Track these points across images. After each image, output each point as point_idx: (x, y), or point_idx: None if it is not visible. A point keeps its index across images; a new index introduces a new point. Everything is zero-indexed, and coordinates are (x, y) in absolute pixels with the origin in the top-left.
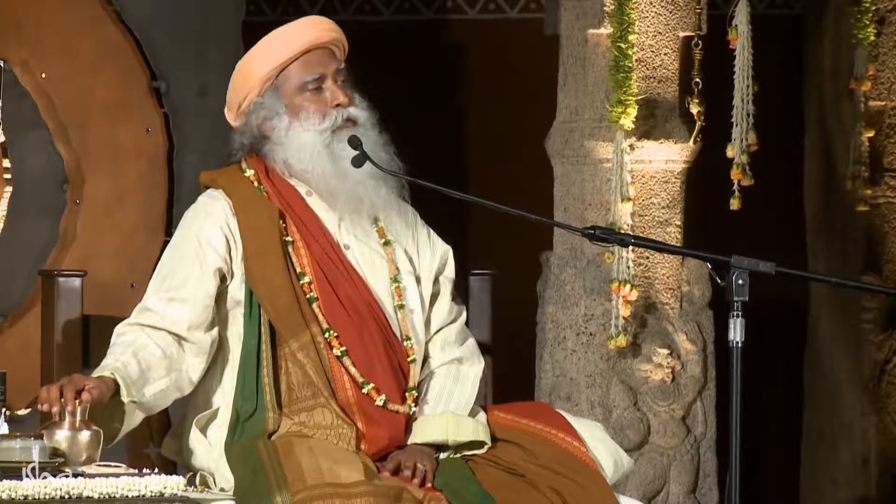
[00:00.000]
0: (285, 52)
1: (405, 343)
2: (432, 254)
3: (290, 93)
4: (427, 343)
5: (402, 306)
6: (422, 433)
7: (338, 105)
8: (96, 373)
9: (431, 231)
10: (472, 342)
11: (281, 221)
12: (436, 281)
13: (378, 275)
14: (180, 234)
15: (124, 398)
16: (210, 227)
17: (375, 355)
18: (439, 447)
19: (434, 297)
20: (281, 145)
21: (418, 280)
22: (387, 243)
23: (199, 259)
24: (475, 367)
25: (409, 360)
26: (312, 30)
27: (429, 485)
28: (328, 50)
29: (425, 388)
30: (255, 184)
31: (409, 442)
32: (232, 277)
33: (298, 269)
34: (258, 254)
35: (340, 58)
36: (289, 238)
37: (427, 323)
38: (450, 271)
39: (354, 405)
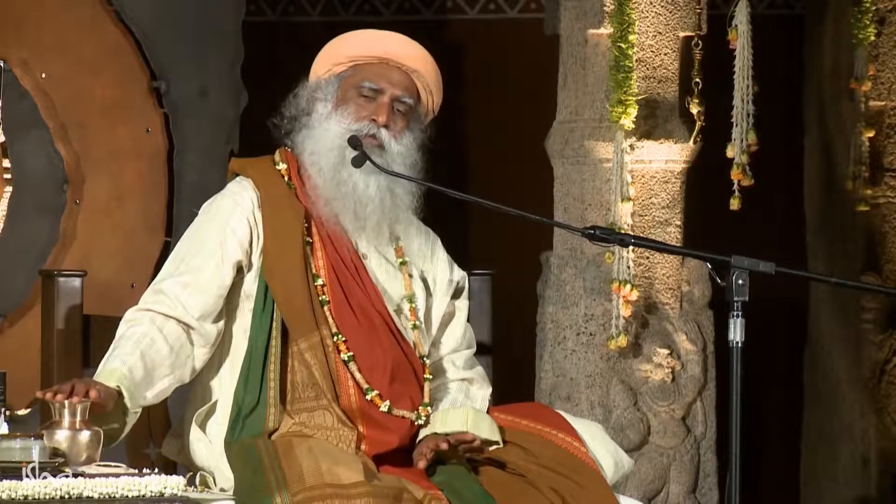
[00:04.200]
0: (365, 49)
1: (422, 360)
2: (450, 277)
3: (348, 87)
4: (438, 361)
5: (416, 326)
6: (441, 424)
7: (374, 120)
8: (102, 373)
9: (450, 257)
10: (480, 370)
11: (304, 221)
12: (450, 303)
13: (394, 290)
14: (205, 218)
15: (128, 406)
16: (237, 216)
17: (382, 363)
18: None
19: (448, 317)
20: (309, 129)
21: (431, 301)
22: (403, 262)
23: (221, 247)
24: (484, 391)
25: (424, 376)
26: (400, 47)
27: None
28: (408, 77)
29: (436, 399)
30: (286, 178)
31: (428, 432)
32: (249, 269)
33: (314, 271)
34: (278, 250)
35: (424, 100)
36: (309, 238)
37: (437, 342)
38: (466, 295)
39: (357, 410)
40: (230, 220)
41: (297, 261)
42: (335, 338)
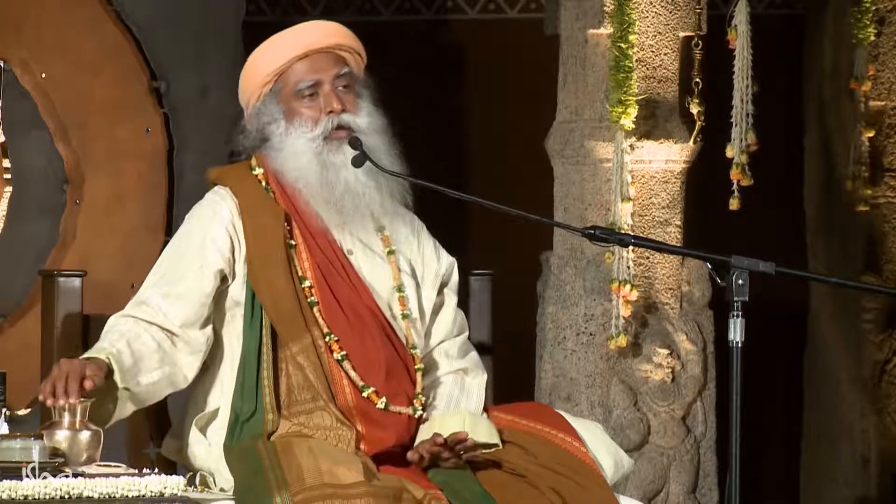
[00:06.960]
0: (282, 57)
1: (411, 351)
2: (438, 264)
3: (288, 97)
4: (430, 353)
5: (406, 315)
6: (439, 429)
7: (330, 112)
8: (90, 354)
9: (437, 242)
10: (474, 355)
11: (286, 224)
12: (440, 292)
13: (381, 282)
14: (185, 230)
15: (118, 383)
16: (216, 226)
17: (376, 360)
18: None
19: (438, 307)
20: (277, 151)
21: (421, 289)
22: (391, 252)
23: (200, 257)
24: (479, 379)
25: (416, 367)
26: (310, 34)
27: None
28: (332, 55)
29: (431, 395)
30: (263, 183)
31: (426, 436)
32: (234, 278)
33: (300, 273)
34: (262, 256)
35: (353, 63)
36: (292, 241)
37: (428, 333)
38: (455, 283)
39: (354, 409)
40: (209, 231)
41: (281, 265)
42: (327, 338)
